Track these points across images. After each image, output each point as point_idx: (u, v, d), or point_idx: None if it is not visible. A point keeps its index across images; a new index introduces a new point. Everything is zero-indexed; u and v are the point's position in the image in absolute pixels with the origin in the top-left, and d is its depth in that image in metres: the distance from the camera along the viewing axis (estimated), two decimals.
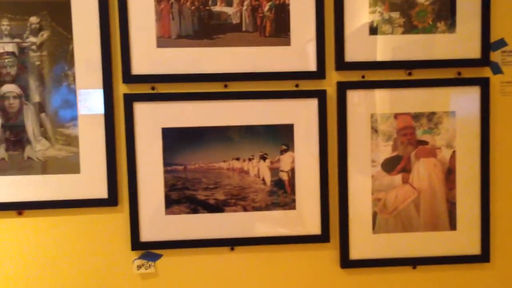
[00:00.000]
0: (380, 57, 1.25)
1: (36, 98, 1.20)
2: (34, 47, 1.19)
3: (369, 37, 1.24)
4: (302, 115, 1.25)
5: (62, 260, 1.24)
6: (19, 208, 1.21)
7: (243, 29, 1.23)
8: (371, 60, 1.25)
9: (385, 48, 1.25)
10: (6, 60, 1.18)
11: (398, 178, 1.27)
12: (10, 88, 1.19)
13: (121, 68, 1.21)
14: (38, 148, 1.20)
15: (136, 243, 1.24)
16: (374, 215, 1.27)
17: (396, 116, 1.26)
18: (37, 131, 1.20)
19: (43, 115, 1.20)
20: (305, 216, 1.26)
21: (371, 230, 1.27)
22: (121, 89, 1.22)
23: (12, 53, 1.18)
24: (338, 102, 1.25)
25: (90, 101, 1.21)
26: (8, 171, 1.20)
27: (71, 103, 1.20)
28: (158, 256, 1.25)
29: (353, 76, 1.26)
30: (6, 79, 1.19)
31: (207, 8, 1.22)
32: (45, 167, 1.20)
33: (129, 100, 1.21)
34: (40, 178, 1.20)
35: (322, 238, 1.26)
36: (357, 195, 1.26)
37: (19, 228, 1.22)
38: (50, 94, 1.20)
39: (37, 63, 1.19)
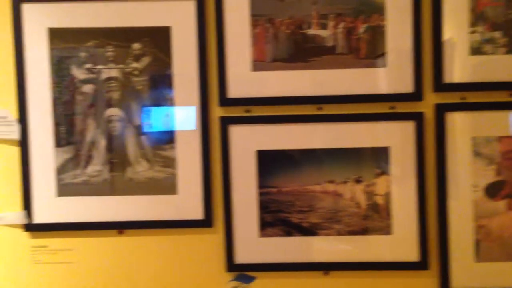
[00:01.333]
0: (481, 77, 1.20)
1: (137, 121, 1.24)
2: (136, 72, 1.23)
3: (470, 58, 1.20)
4: (398, 138, 1.22)
5: (159, 279, 1.26)
6: (120, 227, 1.25)
7: (338, 51, 1.23)
8: (471, 81, 1.21)
9: (486, 68, 1.20)
10: (110, 85, 1.24)
11: (502, 204, 1.20)
12: (113, 112, 1.24)
13: (217, 91, 1.23)
14: (139, 169, 1.24)
15: (231, 265, 1.24)
16: (477, 243, 1.21)
17: (499, 139, 1.20)
18: (137, 153, 1.24)
19: (143, 137, 1.24)
20: (402, 241, 1.22)
21: (473, 258, 1.21)
22: (217, 111, 1.24)
23: (116, 78, 1.24)
24: (436, 124, 1.21)
25: (188, 123, 1.24)
26: (110, 192, 1.24)
27: (170, 126, 1.24)
28: (252, 279, 1.25)
29: (452, 97, 1.22)
30: (110, 103, 1.24)
31: (302, 31, 1.23)
32: (144, 188, 1.24)
33: (225, 122, 1.23)
34: (140, 199, 1.24)
35: (421, 265, 1.22)
36: (457, 221, 1.21)
37: (119, 246, 1.26)
38: (150, 117, 1.24)
39: (139, 87, 1.24)
